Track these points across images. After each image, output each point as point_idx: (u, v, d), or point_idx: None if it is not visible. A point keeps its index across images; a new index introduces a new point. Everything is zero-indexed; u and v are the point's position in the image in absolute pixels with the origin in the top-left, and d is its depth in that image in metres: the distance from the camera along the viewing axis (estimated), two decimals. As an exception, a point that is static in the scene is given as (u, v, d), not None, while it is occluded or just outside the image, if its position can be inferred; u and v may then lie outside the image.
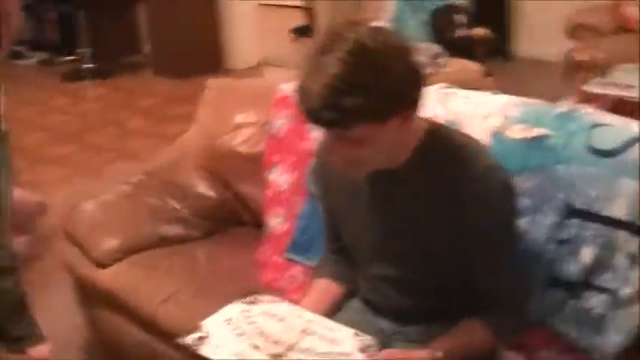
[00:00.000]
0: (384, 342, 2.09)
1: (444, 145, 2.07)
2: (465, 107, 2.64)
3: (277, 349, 2.01)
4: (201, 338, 2.09)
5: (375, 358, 1.98)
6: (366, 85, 1.82)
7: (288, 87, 3.14)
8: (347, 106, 1.82)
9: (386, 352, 2.01)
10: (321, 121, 1.89)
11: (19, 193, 4.33)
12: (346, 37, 1.86)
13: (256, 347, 2.03)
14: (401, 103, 1.91)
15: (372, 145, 1.93)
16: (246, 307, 2.19)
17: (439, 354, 2.01)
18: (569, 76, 5.04)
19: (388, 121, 1.90)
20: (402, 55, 1.91)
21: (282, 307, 2.19)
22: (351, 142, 1.92)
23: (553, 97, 2.66)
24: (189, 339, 2.09)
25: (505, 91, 2.73)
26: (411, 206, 2.08)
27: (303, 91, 1.87)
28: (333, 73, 1.82)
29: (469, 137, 2.16)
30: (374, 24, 1.96)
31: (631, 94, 4.40)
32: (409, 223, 2.10)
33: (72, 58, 8.91)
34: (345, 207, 2.25)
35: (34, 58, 9.19)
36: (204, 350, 2.06)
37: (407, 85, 1.92)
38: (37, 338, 3.53)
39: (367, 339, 2.05)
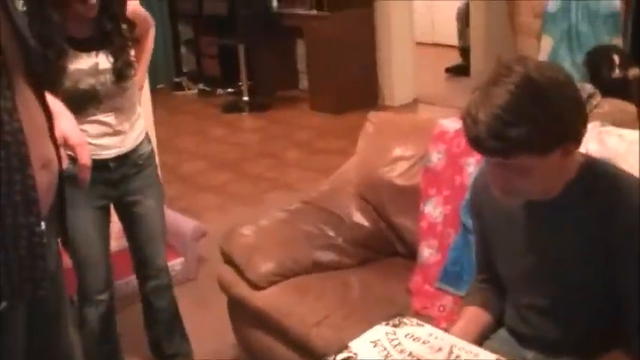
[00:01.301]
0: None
1: (601, 177, 2.09)
2: (620, 145, 2.65)
3: None
4: (349, 358, 2.16)
5: None
6: (531, 118, 1.88)
7: (446, 122, 3.21)
8: (512, 136, 1.88)
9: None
10: (485, 149, 1.96)
11: (177, 217, 4.53)
12: (515, 69, 1.93)
13: None
14: (564, 137, 1.96)
15: (532, 175, 1.98)
16: (390, 329, 2.25)
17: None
18: None
19: (550, 154, 1.94)
20: (567, 90, 1.96)
21: (426, 330, 2.24)
22: (512, 171, 1.97)
23: None
24: (338, 358, 2.16)
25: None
26: (564, 236, 2.11)
27: (470, 120, 1.93)
28: (500, 104, 1.89)
29: (625, 171, 2.17)
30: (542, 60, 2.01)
31: None
32: (563, 253, 2.12)
33: (231, 90, 9.18)
34: (499, 236, 2.29)
35: (194, 90, 9.49)
36: None
37: (571, 120, 1.96)
38: (186, 356, 3.68)
39: None
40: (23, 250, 1.77)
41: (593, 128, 2.72)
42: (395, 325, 2.28)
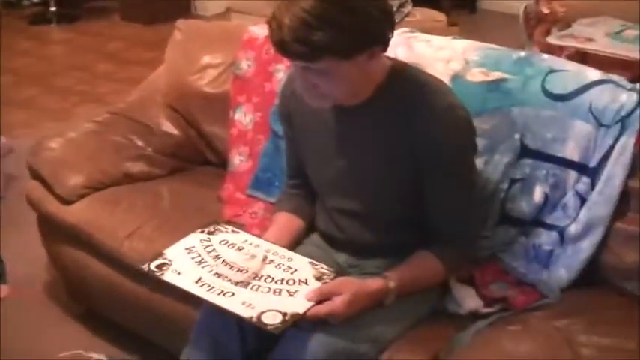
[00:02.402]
0: (341, 274, 2.17)
1: (408, 82, 2.15)
2: (427, 51, 2.71)
3: (242, 277, 2.08)
4: (163, 264, 2.17)
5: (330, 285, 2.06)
6: (336, 23, 1.91)
7: (255, 29, 3.19)
8: (315, 40, 1.90)
9: (340, 280, 2.09)
10: (289, 53, 1.97)
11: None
12: None
13: (219, 275, 2.10)
14: (369, 42, 1.99)
15: (338, 79, 2.01)
16: (205, 236, 2.28)
17: (392, 283, 2.11)
18: (529, 29, 5.09)
19: (355, 58, 1.97)
20: None
21: (240, 237, 2.27)
22: (318, 75, 2.00)
23: (515, 49, 2.72)
24: (152, 265, 2.16)
25: (469, 41, 2.79)
26: (373, 140, 2.16)
27: (275, 24, 1.95)
28: (305, 8, 1.90)
29: (432, 76, 2.24)
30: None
31: (590, 46, 4.47)
32: (370, 156, 2.18)
33: (37, 1, 8.80)
34: (309, 140, 2.32)
35: (-2, 2, 9.06)
36: (166, 276, 2.14)
37: (376, 25, 2.00)
38: (0, 277, 3.58)
39: (323, 267, 2.13)
40: None
41: (401, 34, 2.77)
42: (210, 233, 2.30)
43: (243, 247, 2.22)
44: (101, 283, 3.03)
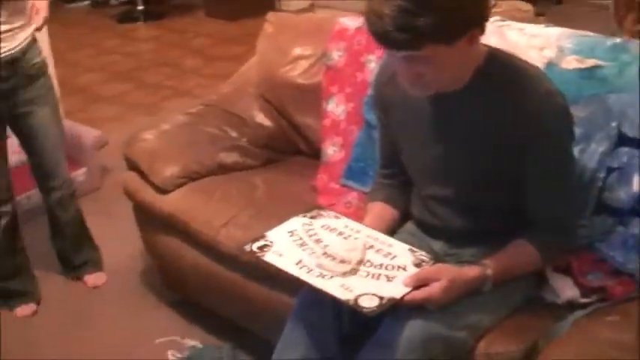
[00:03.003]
0: (439, 262, 2.17)
1: (505, 68, 2.13)
2: (521, 39, 2.69)
3: (346, 268, 2.09)
4: (265, 246, 2.20)
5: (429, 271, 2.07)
6: (436, 6, 1.89)
7: (346, 20, 3.21)
8: (418, 26, 1.88)
9: (438, 266, 2.10)
10: (393, 43, 1.96)
11: (77, 128, 4.47)
12: None
13: (321, 266, 2.11)
14: (469, 24, 1.98)
15: (439, 65, 2.00)
16: (307, 220, 2.30)
17: (489, 271, 2.11)
18: (619, 18, 5.02)
19: (457, 42, 1.97)
20: None
21: (342, 222, 2.29)
22: (420, 63, 1.99)
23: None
24: (255, 246, 2.20)
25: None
26: (470, 127, 2.15)
27: (374, 15, 1.93)
28: None
29: (528, 63, 2.21)
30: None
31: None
32: (467, 143, 2.17)
33: (125, 0, 8.97)
34: (405, 128, 2.32)
35: (87, 1, 9.22)
36: (267, 256, 2.17)
37: (475, 6, 1.99)
38: (95, 265, 3.68)
39: (422, 254, 2.14)
40: None
41: (493, 22, 2.76)
42: (312, 217, 2.33)
43: (344, 233, 2.24)
44: (196, 271, 3.08)
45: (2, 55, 3.09)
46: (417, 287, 2.03)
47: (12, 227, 3.39)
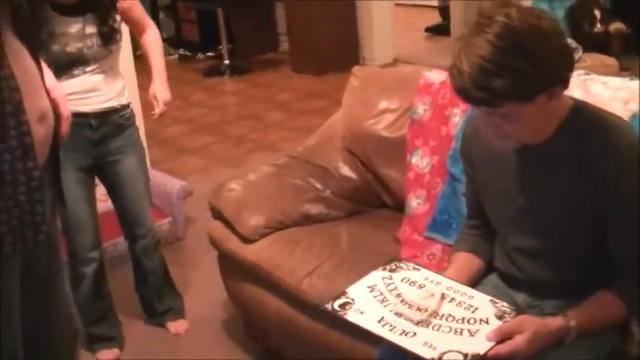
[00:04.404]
0: (521, 313, 2.14)
1: (591, 120, 2.13)
2: (604, 92, 2.70)
3: (422, 316, 2.08)
4: (346, 304, 2.19)
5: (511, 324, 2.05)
6: (514, 67, 1.91)
7: (431, 74, 3.25)
8: (495, 86, 1.92)
9: (521, 318, 2.08)
10: (471, 100, 2.00)
11: (162, 178, 4.57)
12: (496, 19, 1.95)
13: (399, 315, 2.11)
14: (548, 83, 1.99)
15: (521, 120, 2.02)
16: (387, 274, 2.29)
17: (573, 322, 2.08)
18: None
19: (535, 100, 1.98)
20: (551, 37, 1.98)
21: (422, 274, 2.28)
22: (501, 118, 2.01)
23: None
24: (336, 304, 2.19)
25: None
26: (555, 178, 2.15)
27: (455, 71, 1.97)
28: (482, 54, 1.92)
29: (614, 114, 2.21)
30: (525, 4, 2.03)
31: None
32: (551, 194, 2.17)
33: (211, 54, 9.16)
34: (490, 179, 2.33)
35: (174, 55, 9.44)
36: (349, 315, 2.15)
37: (554, 66, 1.99)
38: (177, 313, 3.73)
39: (504, 305, 2.12)
40: (22, 196, 1.79)
41: (577, 76, 2.76)
42: (392, 270, 2.31)
43: (425, 285, 2.23)
44: (279, 320, 3.09)
45: (95, 108, 3.21)
46: (500, 341, 2.02)
47: (99, 273, 3.45)
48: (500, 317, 2.09)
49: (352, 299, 2.21)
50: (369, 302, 2.19)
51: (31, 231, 1.81)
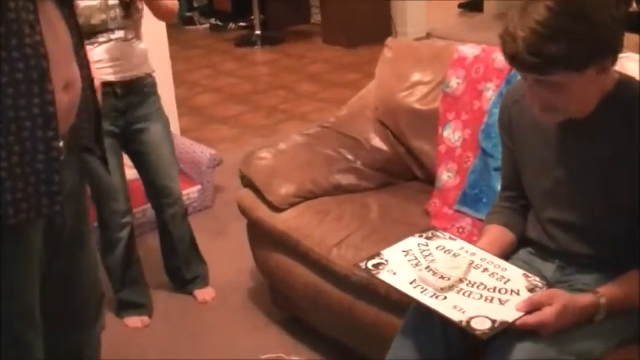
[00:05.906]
0: (553, 287, 2.15)
1: (634, 94, 2.11)
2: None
3: (444, 283, 2.11)
4: (380, 264, 2.22)
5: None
6: (569, 34, 1.90)
7: (465, 48, 3.23)
8: (549, 52, 1.90)
9: (552, 291, 2.08)
10: (522, 66, 1.98)
11: (192, 145, 4.59)
12: None
13: (425, 281, 2.13)
14: (601, 54, 1.98)
15: (568, 92, 2.01)
16: (423, 241, 2.32)
17: (603, 300, 2.08)
18: None
19: (586, 71, 1.97)
20: (606, 7, 1.96)
21: (457, 244, 2.30)
22: (548, 88, 2.00)
23: None
24: (370, 264, 2.23)
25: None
26: (595, 152, 2.14)
27: (508, 36, 1.95)
28: (539, 19, 1.90)
29: None
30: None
31: None
32: (592, 167, 2.16)
33: (243, 24, 9.14)
34: (527, 149, 2.32)
35: (206, 25, 9.44)
36: (381, 275, 2.20)
37: (608, 37, 1.97)
38: (203, 281, 3.75)
39: (535, 279, 2.13)
40: (40, 164, 1.79)
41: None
42: (428, 238, 2.34)
43: (459, 254, 2.25)
44: (306, 289, 3.11)
45: (120, 76, 3.25)
46: (529, 312, 2.02)
47: (131, 240, 3.48)
48: (531, 290, 2.10)
49: (386, 260, 2.26)
50: (403, 264, 2.23)
51: (47, 199, 1.81)
